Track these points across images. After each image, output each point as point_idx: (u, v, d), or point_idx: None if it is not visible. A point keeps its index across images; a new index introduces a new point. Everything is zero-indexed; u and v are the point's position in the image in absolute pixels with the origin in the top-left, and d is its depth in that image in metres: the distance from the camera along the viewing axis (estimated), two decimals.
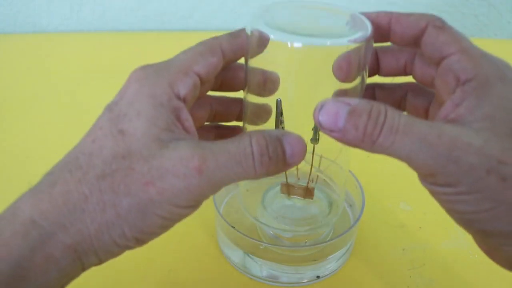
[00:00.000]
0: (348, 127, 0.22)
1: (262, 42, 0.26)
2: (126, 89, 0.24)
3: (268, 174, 0.23)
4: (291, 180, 0.34)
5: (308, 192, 0.34)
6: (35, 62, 0.64)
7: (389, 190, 0.43)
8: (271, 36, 0.25)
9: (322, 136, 0.29)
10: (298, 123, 0.29)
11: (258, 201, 0.35)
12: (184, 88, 0.24)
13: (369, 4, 0.72)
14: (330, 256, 0.34)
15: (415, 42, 0.26)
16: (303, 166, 0.34)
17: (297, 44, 0.25)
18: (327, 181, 0.36)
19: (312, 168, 0.33)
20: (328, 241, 0.33)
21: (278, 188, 0.35)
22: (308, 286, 0.34)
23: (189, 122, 0.24)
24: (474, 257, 0.36)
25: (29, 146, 0.48)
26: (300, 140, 0.24)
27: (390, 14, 0.27)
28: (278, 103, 0.28)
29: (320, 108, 0.23)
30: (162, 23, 0.74)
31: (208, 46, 0.27)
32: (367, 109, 0.22)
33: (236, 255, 0.34)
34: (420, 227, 0.39)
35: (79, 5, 0.72)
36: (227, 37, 0.28)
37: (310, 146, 0.30)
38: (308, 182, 0.33)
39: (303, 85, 0.29)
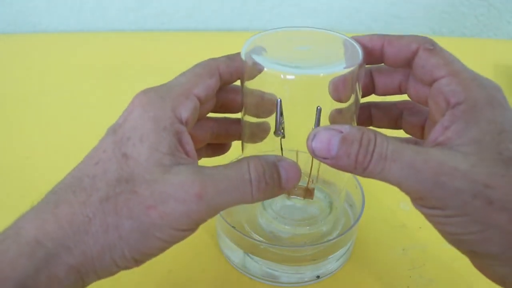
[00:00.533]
0: (340, 154, 0.23)
1: (256, 71, 0.27)
2: (130, 113, 0.25)
3: (264, 198, 0.25)
4: None
5: (308, 193, 0.34)
6: (35, 62, 0.64)
7: (389, 190, 0.42)
8: (265, 68, 0.26)
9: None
10: (298, 124, 0.29)
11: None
12: (185, 111, 0.25)
13: (369, 4, 0.72)
14: (330, 256, 0.34)
15: (408, 64, 0.27)
16: (303, 166, 0.34)
17: (290, 77, 0.26)
18: (327, 182, 0.36)
19: (312, 169, 0.33)
20: (328, 241, 0.33)
21: None
22: (308, 286, 0.34)
23: (190, 146, 0.25)
24: None
25: (29, 146, 0.48)
26: (294, 166, 0.26)
27: (382, 38, 0.27)
28: (278, 104, 0.28)
29: (313, 137, 0.24)
30: (162, 23, 0.74)
31: (206, 68, 0.28)
32: (358, 137, 0.23)
33: (236, 255, 0.34)
34: (420, 227, 0.39)
35: (79, 5, 0.72)
36: (225, 59, 0.29)
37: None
38: (308, 183, 0.33)
39: (296, 110, 0.30)
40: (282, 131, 0.29)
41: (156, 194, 0.22)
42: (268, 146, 0.32)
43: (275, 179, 0.25)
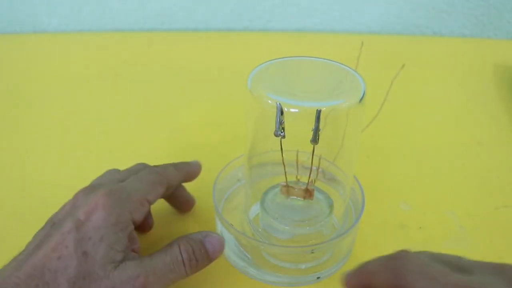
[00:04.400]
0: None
1: (260, 102, 0.29)
2: (92, 212, 0.28)
3: (196, 271, 0.30)
4: (291, 181, 0.34)
5: (308, 193, 0.34)
6: (35, 62, 0.64)
7: (389, 190, 0.43)
8: (269, 102, 0.28)
9: (322, 137, 0.29)
10: (297, 126, 0.30)
11: (258, 202, 0.36)
12: (139, 215, 0.30)
13: (369, 4, 0.72)
14: (330, 256, 0.34)
15: None
16: (303, 166, 0.34)
17: (293, 110, 0.28)
18: (327, 182, 0.36)
19: (312, 169, 0.33)
20: (328, 241, 0.33)
21: (278, 189, 0.35)
22: (309, 286, 0.34)
23: (137, 243, 0.30)
24: (474, 257, 0.36)
25: (29, 146, 0.48)
26: (219, 239, 0.31)
27: (366, 272, 0.26)
28: (278, 105, 0.28)
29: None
30: (162, 23, 0.74)
31: (158, 178, 0.33)
32: None
33: (236, 255, 0.34)
34: (420, 227, 0.39)
35: (79, 5, 0.72)
36: (173, 170, 0.35)
37: (310, 147, 0.30)
38: (308, 183, 0.33)
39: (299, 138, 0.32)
40: (282, 131, 0.29)
41: None
42: (268, 146, 0.33)
43: (203, 254, 0.30)
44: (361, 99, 0.29)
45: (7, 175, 0.44)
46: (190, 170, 0.37)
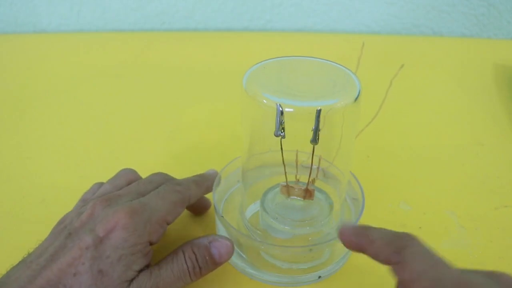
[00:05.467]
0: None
1: (255, 102, 0.29)
2: (114, 230, 0.28)
3: (203, 276, 0.30)
4: (291, 181, 0.34)
5: (308, 193, 0.34)
6: (35, 62, 0.65)
7: (389, 190, 0.43)
8: (264, 101, 0.29)
9: (321, 137, 0.29)
10: (293, 126, 0.30)
11: (258, 202, 0.36)
12: (157, 237, 0.30)
13: (369, 4, 0.72)
14: (331, 256, 0.34)
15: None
16: (303, 167, 0.34)
17: (288, 109, 0.28)
18: (327, 182, 0.36)
19: (312, 169, 0.33)
20: (328, 241, 0.33)
21: (278, 189, 0.35)
22: (309, 286, 0.34)
23: (149, 260, 0.29)
24: (474, 257, 0.36)
25: (29, 146, 0.48)
26: (226, 243, 0.31)
27: (365, 235, 0.26)
28: (278, 105, 0.28)
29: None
30: (162, 23, 0.74)
31: (180, 198, 0.32)
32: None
33: (236, 255, 0.34)
34: (420, 227, 0.39)
35: (79, 5, 0.72)
36: (194, 189, 0.34)
37: (309, 147, 0.30)
38: (308, 183, 0.33)
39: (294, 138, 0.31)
40: (282, 131, 0.29)
41: None
42: (264, 146, 0.33)
43: (208, 260, 0.30)
44: (356, 98, 0.29)
45: (7, 175, 0.44)
46: (210, 185, 0.36)
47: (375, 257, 0.26)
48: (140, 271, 0.28)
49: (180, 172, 0.45)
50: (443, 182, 0.44)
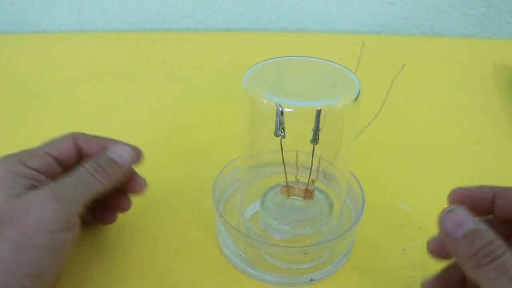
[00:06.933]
0: (463, 239, 0.23)
1: (255, 102, 0.29)
2: None
3: (113, 179, 0.31)
4: (291, 181, 0.34)
5: (308, 193, 0.34)
6: (35, 62, 0.64)
7: (389, 190, 0.43)
8: (264, 101, 0.29)
9: (321, 137, 0.29)
10: (292, 126, 0.30)
11: (258, 202, 0.36)
12: (35, 162, 0.30)
13: (369, 4, 0.72)
14: (330, 256, 0.34)
15: None
16: (303, 167, 0.34)
17: (288, 109, 0.28)
18: (327, 182, 0.36)
19: (312, 169, 0.33)
20: (328, 241, 0.33)
21: (278, 189, 0.35)
22: (309, 286, 0.34)
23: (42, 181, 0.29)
24: None
25: (29, 146, 0.48)
26: (124, 149, 0.32)
27: (492, 190, 0.27)
28: (278, 105, 0.28)
29: (449, 210, 0.25)
30: (162, 23, 0.74)
31: (61, 136, 0.33)
32: (491, 238, 0.23)
33: (236, 255, 0.34)
34: (420, 227, 0.39)
35: (79, 5, 0.72)
36: (83, 135, 0.34)
37: (309, 147, 0.30)
38: (308, 183, 0.33)
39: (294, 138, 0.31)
40: (282, 131, 0.29)
41: (19, 213, 0.27)
42: (264, 146, 0.33)
43: (111, 164, 0.31)
44: (356, 98, 0.29)
45: None
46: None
47: (508, 209, 0.25)
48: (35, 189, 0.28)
49: (179, 172, 0.45)
50: (443, 182, 0.44)
